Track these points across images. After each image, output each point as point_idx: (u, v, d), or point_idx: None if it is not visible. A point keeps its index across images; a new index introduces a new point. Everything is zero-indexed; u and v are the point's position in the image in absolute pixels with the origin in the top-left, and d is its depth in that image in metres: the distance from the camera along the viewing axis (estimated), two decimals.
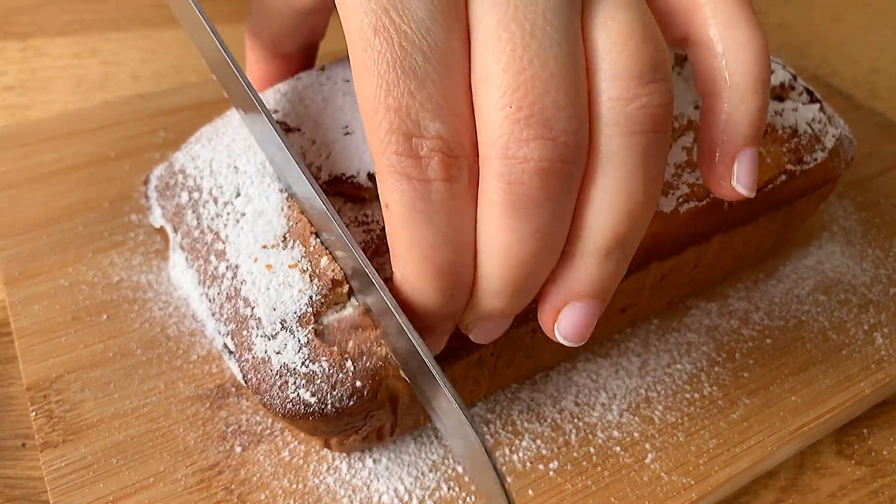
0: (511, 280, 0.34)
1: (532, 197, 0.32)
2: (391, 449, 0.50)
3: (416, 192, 0.32)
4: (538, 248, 0.33)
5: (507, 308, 0.36)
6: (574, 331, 0.36)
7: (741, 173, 0.38)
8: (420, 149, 0.32)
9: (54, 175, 0.65)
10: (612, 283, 0.36)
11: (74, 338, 0.54)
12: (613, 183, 0.33)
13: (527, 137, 0.31)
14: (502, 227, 0.33)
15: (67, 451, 0.47)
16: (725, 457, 0.50)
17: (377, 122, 0.32)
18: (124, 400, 0.50)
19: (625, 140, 0.32)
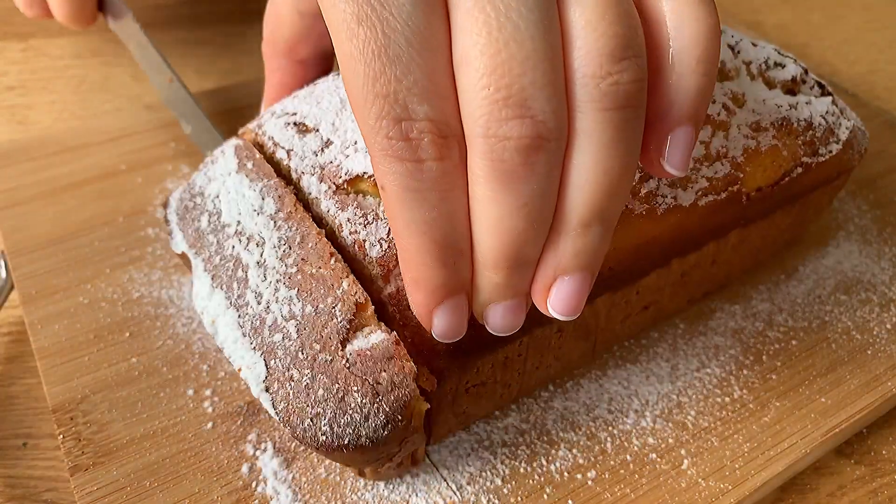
0: (504, 252, 0.35)
1: (515, 172, 0.33)
2: (428, 462, 0.49)
3: (409, 172, 0.33)
4: (527, 222, 0.34)
5: (508, 283, 0.37)
6: (565, 304, 0.37)
7: (672, 152, 0.37)
8: (410, 131, 0.33)
9: (66, 190, 0.64)
10: (597, 255, 0.37)
11: (98, 357, 0.53)
12: (590, 158, 0.34)
13: (506, 117, 0.32)
14: (490, 201, 0.34)
15: (99, 475, 0.46)
16: (761, 460, 0.50)
17: (367, 109, 0.33)
18: (153, 420, 0.50)
19: (599, 116, 0.33)
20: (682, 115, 0.37)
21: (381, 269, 0.42)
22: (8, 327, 0.56)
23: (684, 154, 0.38)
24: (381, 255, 0.42)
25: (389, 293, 0.42)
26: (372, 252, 0.42)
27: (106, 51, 0.87)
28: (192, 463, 0.48)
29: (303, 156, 0.47)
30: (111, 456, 0.47)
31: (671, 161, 0.38)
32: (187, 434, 0.49)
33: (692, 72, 0.36)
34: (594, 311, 0.51)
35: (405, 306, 0.41)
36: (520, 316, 0.39)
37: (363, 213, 0.44)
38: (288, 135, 0.49)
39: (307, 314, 0.41)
